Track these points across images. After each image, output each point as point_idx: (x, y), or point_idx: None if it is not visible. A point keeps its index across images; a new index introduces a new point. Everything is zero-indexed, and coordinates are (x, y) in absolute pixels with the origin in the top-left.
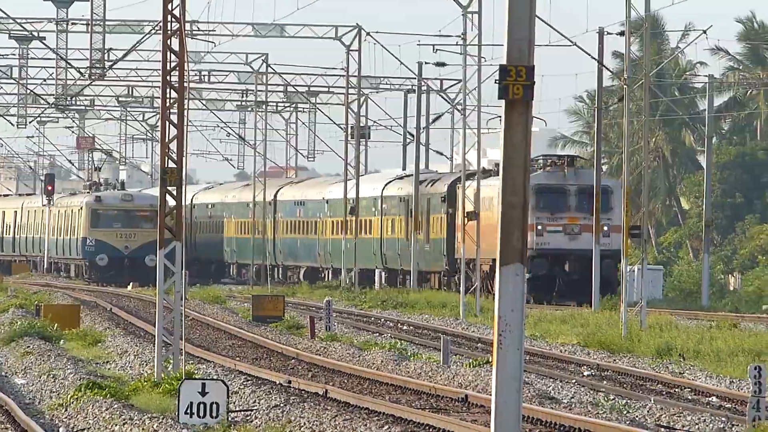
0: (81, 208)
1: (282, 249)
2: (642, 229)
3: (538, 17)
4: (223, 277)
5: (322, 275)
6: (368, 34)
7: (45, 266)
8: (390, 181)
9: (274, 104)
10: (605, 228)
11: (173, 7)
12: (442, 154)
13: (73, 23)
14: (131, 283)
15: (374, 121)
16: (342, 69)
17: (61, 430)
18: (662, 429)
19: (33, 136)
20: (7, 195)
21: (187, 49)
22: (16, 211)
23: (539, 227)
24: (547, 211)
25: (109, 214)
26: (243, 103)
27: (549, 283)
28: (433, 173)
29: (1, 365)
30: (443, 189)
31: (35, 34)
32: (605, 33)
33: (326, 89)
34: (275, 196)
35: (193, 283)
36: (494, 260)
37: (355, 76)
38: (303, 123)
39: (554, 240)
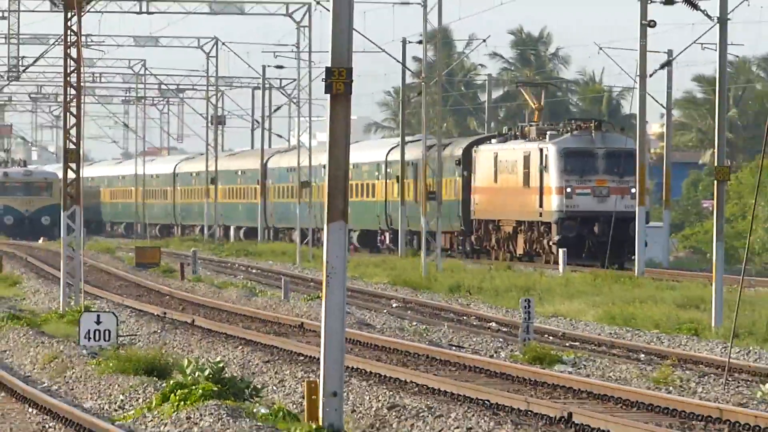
0: None
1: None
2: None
3: (355, 30)
4: (101, 233)
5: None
6: (224, 43)
7: None
8: (393, 147)
9: (151, 98)
10: (632, 190)
11: (72, 24)
12: (281, 136)
13: None
14: (42, 238)
15: (228, 111)
16: (203, 71)
17: None
18: (453, 347)
19: None
20: None
21: (82, 56)
22: None
23: (568, 190)
24: (576, 174)
25: (14, 185)
26: (126, 98)
27: (579, 244)
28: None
29: None
30: (458, 152)
31: None
32: (407, 42)
33: (191, 87)
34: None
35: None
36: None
37: (213, 77)
38: (173, 113)
39: (583, 202)
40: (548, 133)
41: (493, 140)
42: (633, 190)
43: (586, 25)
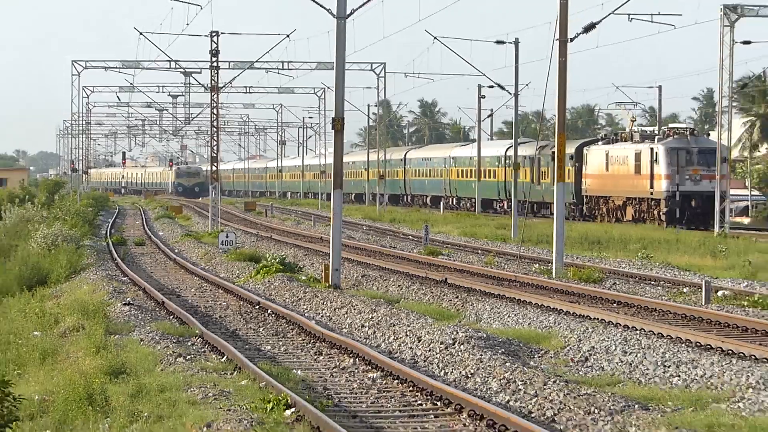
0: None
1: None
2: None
3: (346, 100)
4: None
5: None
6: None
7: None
8: (509, 147)
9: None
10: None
11: (214, 97)
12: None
13: None
14: (200, 197)
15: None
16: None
17: (175, 251)
18: (393, 248)
19: None
20: None
21: (219, 114)
22: None
23: (672, 176)
24: (677, 165)
25: (184, 172)
26: (240, 131)
27: (681, 214)
28: (541, 141)
29: (153, 228)
30: (571, 151)
31: None
32: (369, 105)
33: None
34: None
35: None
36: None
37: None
38: (272, 138)
39: (684, 184)
40: (655, 137)
41: (600, 142)
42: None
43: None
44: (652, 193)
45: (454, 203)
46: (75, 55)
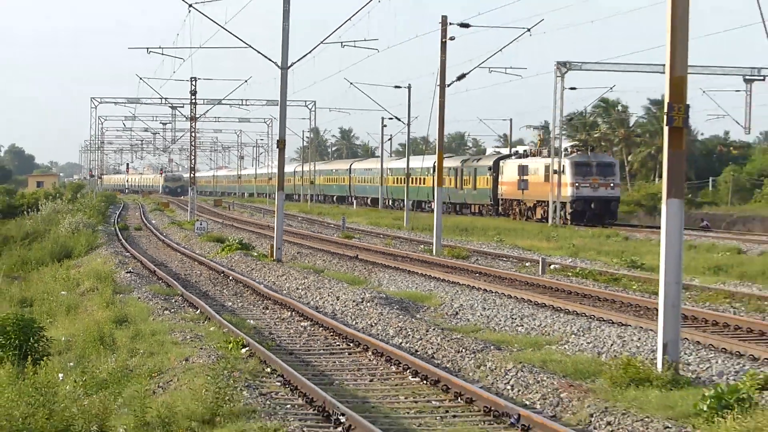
0: None
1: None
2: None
3: (288, 127)
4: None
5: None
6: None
7: None
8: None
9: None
10: (612, 185)
11: (194, 125)
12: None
13: None
14: (182, 196)
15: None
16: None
17: (163, 235)
18: (318, 233)
19: None
20: None
21: (195, 135)
22: None
23: (576, 184)
24: (580, 176)
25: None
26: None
27: (582, 215)
28: (471, 156)
29: (148, 218)
30: (490, 163)
31: None
32: (304, 131)
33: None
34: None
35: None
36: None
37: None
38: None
39: (585, 191)
40: (562, 154)
41: (513, 157)
42: (612, 184)
43: (364, 126)
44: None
45: (391, 204)
46: (93, 92)
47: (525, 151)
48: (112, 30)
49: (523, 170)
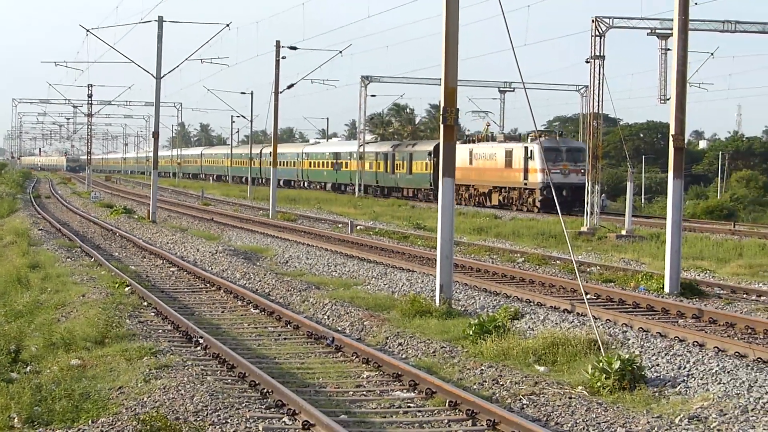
0: None
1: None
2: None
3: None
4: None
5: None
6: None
7: None
8: (362, 144)
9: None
10: (582, 171)
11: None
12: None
13: None
14: (80, 173)
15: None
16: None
17: (67, 202)
18: (255, 216)
19: None
20: None
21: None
22: None
23: (545, 170)
24: (551, 161)
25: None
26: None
27: (552, 201)
28: (404, 141)
29: (56, 190)
30: (429, 148)
31: None
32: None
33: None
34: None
35: None
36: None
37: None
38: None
39: (555, 177)
40: (529, 137)
41: (458, 142)
42: (583, 170)
43: (220, 121)
44: (526, 184)
45: (306, 185)
46: (14, 93)
47: (470, 137)
48: (24, 46)
49: (474, 155)
